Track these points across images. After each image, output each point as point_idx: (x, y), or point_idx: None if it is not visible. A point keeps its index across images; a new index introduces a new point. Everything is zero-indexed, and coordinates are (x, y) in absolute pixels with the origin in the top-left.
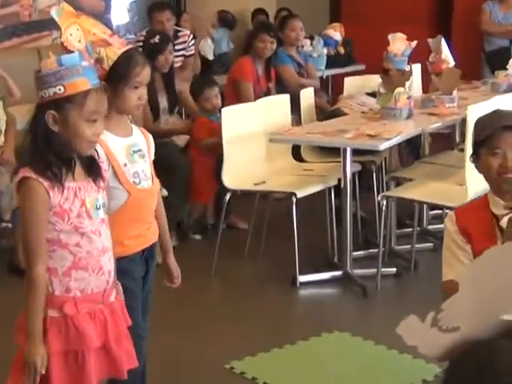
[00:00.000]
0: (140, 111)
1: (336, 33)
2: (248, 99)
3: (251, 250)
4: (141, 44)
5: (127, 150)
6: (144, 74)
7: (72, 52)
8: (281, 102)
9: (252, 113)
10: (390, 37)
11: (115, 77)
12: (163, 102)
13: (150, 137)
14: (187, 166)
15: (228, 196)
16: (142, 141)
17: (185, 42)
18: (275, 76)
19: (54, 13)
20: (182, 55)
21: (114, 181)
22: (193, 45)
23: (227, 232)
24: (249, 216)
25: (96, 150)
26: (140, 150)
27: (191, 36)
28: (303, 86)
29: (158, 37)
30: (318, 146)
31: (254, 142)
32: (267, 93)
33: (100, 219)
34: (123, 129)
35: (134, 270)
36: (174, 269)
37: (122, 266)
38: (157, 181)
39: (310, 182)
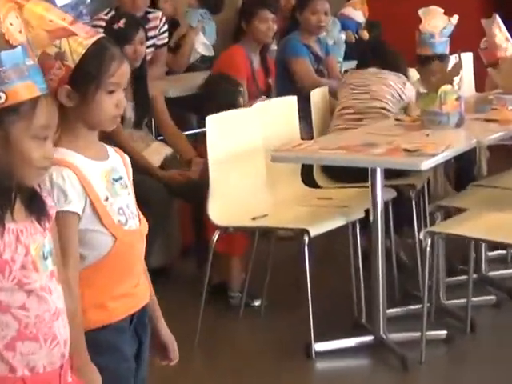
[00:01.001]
0: (116, 124)
1: (357, 12)
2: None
3: (248, 308)
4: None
5: (106, 178)
6: (122, 72)
7: (14, 47)
8: (286, 107)
9: (247, 122)
10: (420, 12)
11: (83, 78)
12: (128, 111)
13: (127, 158)
14: (164, 198)
15: (216, 236)
16: (121, 165)
17: (156, 27)
18: (282, 72)
19: None
20: (152, 45)
21: (93, 222)
22: (166, 31)
23: (215, 283)
24: (244, 262)
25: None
26: (121, 178)
27: (163, 19)
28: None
29: (123, 20)
30: (337, 166)
31: (250, 161)
32: (266, 93)
33: (49, 272)
34: (96, 150)
35: (123, 346)
36: (169, 340)
37: (105, 340)
38: (143, 218)
39: (326, 215)
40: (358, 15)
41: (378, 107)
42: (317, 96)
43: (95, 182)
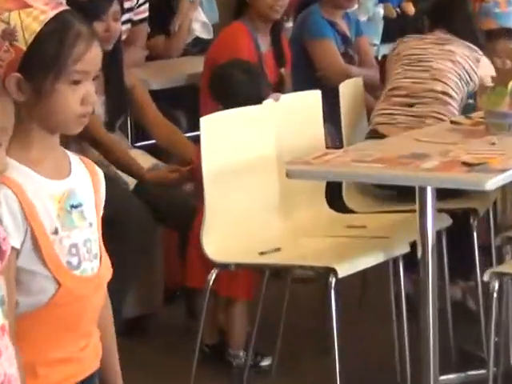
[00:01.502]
0: (83, 126)
1: None
2: None
3: (255, 370)
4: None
5: (60, 203)
6: (91, 56)
7: None
8: (306, 104)
9: (254, 124)
10: None
11: (38, 63)
12: (97, 107)
13: (100, 174)
14: (148, 224)
15: (213, 276)
16: (87, 185)
17: None
18: (300, 58)
19: None
20: (128, 21)
21: (32, 260)
22: (145, 2)
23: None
24: (251, 311)
25: None
26: (80, 205)
27: None
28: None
29: None
30: (374, 184)
31: (259, 176)
32: (277, 86)
33: None
34: (54, 162)
35: None
36: None
37: None
38: (107, 260)
39: (359, 250)
40: None
41: (437, 91)
42: (347, 90)
43: (42, 207)
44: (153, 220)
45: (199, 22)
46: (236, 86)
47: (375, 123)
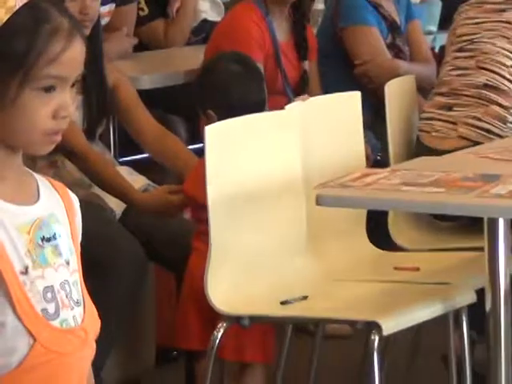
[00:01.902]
0: (52, 146)
1: None
2: None
3: None
4: None
5: (30, 235)
6: (71, 56)
7: None
8: (342, 109)
9: (274, 135)
10: None
11: (1, 63)
12: (73, 112)
13: (74, 199)
14: (139, 262)
15: (221, 331)
16: (59, 214)
17: None
18: (333, 50)
19: None
20: (111, 0)
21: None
22: None
23: None
24: (270, 378)
25: None
26: (54, 238)
27: None
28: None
29: None
30: (429, 213)
31: (280, 203)
32: (300, 86)
33: None
34: (18, 184)
35: None
36: None
37: None
38: (92, 308)
39: (410, 299)
40: None
41: (479, 85)
42: (395, 90)
43: (7, 239)
44: (144, 257)
45: (208, 0)
46: (227, 86)
47: (418, 130)
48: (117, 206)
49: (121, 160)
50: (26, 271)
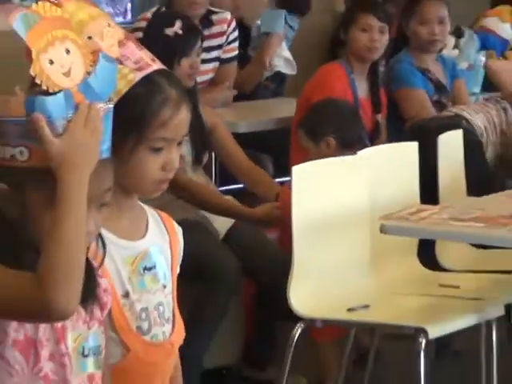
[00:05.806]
0: (161, 191)
1: (504, 25)
2: None
3: None
4: (143, 36)
5: (133, 265)
6: (178, 122)
7: (51, 94)
8: (403, 157)
9: (348, 175)
10: None
11: (120, 127)
12: (184, 146)
13: (179, 233)
14: (237, 274)
15: (298, 331)
16: (163, 246)
17: (222, 33)
18: (389, 107)
19: (17, 22)
20: (216, 58)
21: None
22: (235, 40)
23: None
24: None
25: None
26: (154, 267)
27: (233, 23)
28: None
29: (178, 24)
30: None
31: (350, 230)
32: (374, 135)
33: (86, 375)
34: (130, 222)
35: None
36: None
37: None
38: (180, 324)
39: (451, 310)
40: (506, 30)
41: None
42: (447, 142)
43: (114, 269)
44: (239, 268)
45: (282, 57)
46: (340, 116)
47: None
48: (221, 226)
49: (220, 189)
50: (126, 295)
